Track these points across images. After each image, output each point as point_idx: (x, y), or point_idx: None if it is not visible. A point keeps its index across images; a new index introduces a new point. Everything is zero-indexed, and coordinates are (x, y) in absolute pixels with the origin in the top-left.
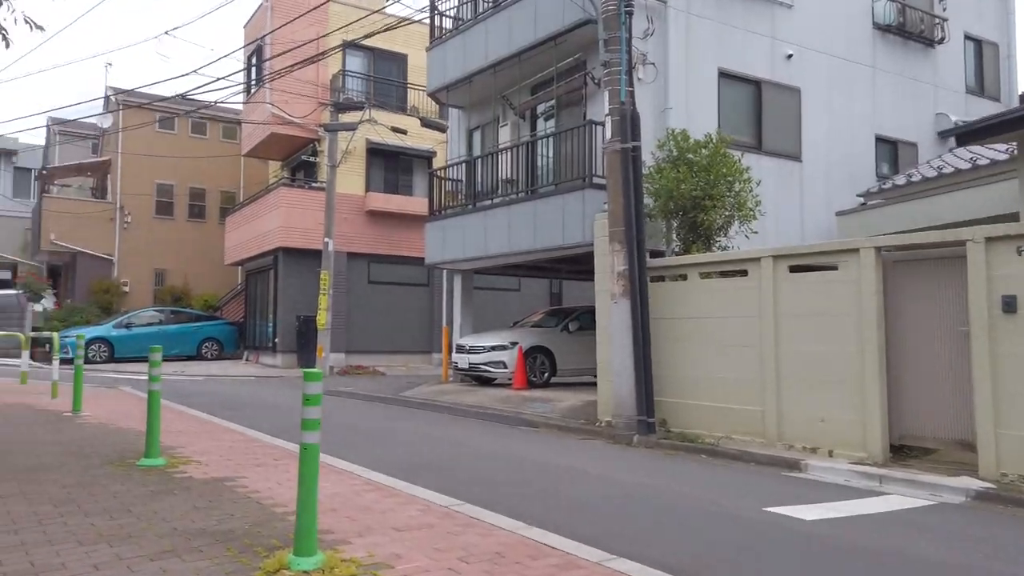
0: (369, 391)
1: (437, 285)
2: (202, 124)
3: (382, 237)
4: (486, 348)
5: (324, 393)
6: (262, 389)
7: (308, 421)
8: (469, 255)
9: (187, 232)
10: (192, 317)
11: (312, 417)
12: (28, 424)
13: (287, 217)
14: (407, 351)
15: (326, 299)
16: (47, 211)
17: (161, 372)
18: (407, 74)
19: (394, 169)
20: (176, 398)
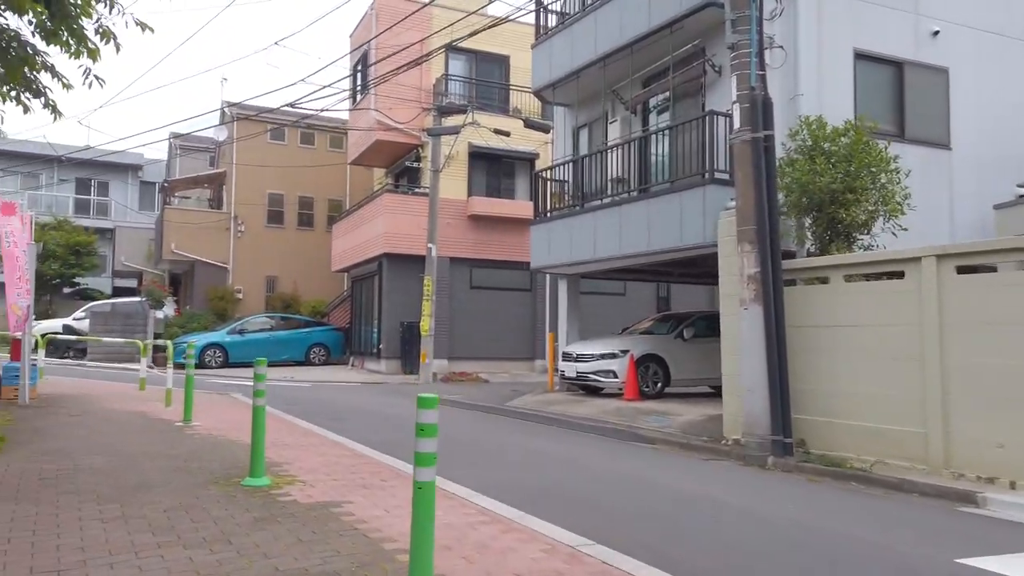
0: (474, 400)
1: (540, 290)
2: (310, 135)
3: (484, 242)
4: (595, 356)
5: None
6: (367, 396)
7: (423, 456)
8: (577, 258)
9: (296, 240)
10: (301, 323)
11: (427, 451)
12: (140, 435)
13: (391, 223)
14: (509, 357)
15: (429, 305)
16: (168, 222)
17: (266, 386)
18: (509, 75)
19: (496, 172)
20: (283, 405)
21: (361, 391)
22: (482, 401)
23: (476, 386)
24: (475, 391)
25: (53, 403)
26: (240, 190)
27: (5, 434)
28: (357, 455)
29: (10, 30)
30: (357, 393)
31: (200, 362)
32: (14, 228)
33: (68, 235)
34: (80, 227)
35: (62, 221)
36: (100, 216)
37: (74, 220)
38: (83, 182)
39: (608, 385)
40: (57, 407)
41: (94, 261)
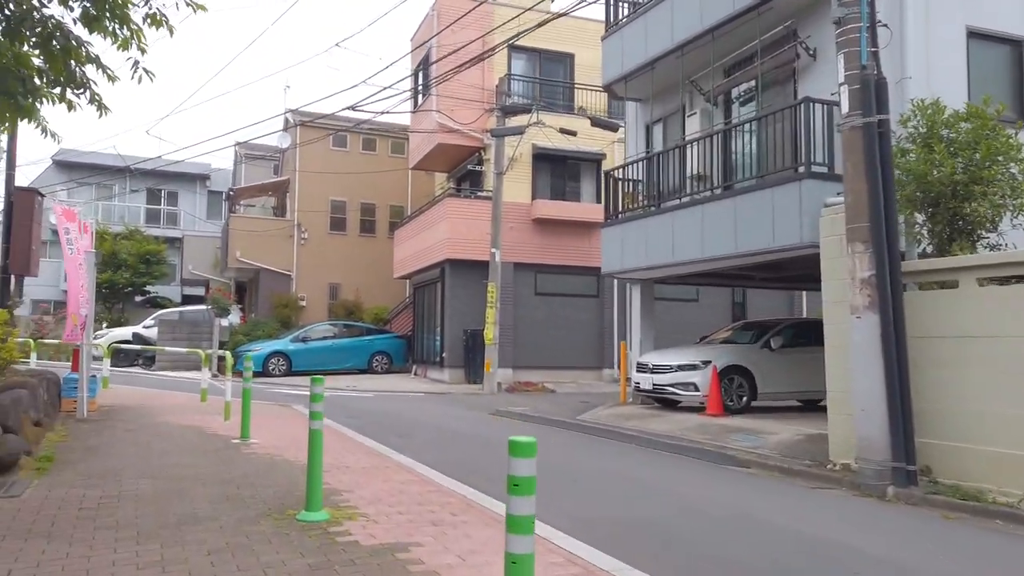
0: (542, 413)
1: (608, 296)
2: (372, 140)
3: (549, 246)
4: (673, 367)
5: (493, 414)
6: (432, 408)
7: (518, 520)
8: (653, 263)
9: (358, 247)
10: (363, 331)
11: (523, 513)
12: (193, 454)
13: (453, 228)
14: (576, 367)
15: (493, 312)
16: (233, 230)
17: (326, 398)
18: (574, 74)
19: (561, 174)
20: (345, 418)
21: (425, 402)
22: (551, 414)
23: (542, 397)
24: (542, 403)
25: (111, 416)
26: (303, 197)
27: (56, 452)
28: (425, 481)
29: (52, 19)
30: (421, 404)
31: (263, 370)
32: (76, 235)
33: (139, 244)
34: (150, 236)
35: (133, 231)
36: (170, 225)
37: (144, 230)
38: (153, 192)
39: (687, 399)
40: (114, 420)
41: (163, 270)
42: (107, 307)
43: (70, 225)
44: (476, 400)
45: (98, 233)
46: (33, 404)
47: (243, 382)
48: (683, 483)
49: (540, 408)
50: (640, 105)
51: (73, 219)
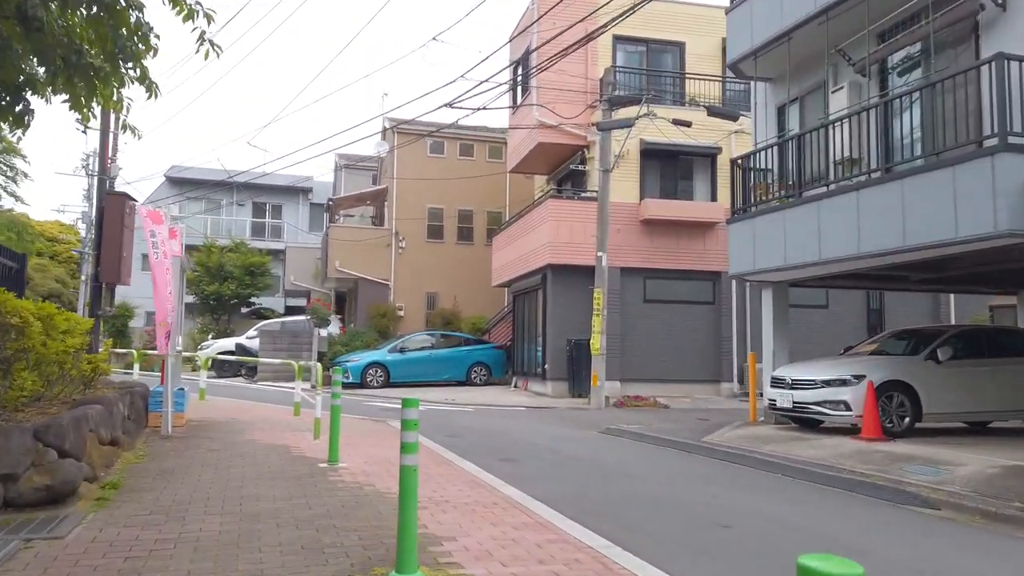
0: (660, 432)
1: (725, 303)
2: (469, 146)
3: (659, 249)
4: (818, 383)
5: (604, 433)
6: (537, 426)
7: None
8: (794, 261)
9: (456, 255)
10: (461, 341)
11: None
12: (274, 481)
13: (556, 231)
14: (690, 380)
15: (600, 320)
16: (332, 240)
17: (417, 437)
18: (684, 64)
19: (672, 171)
20: (444, 436)
21: (528, 418)
22: (670, 434)
23: (655, 413)
24: (656, 420)
25: (198, 432)
26: (400, 206)
27: (125, 478)
28: (543, 527)
29: None
30: (524, 421)
31: (361, 381)
32: (162, 238)
33: (244, 257)
34: (254, 249)
35: (238, 243)
36: (274, 238)
37: (250, 242)
38: (258, 206)
39: (835, 419)
40: (199, 438)
41: (267, 281)
42: (214, 318)
43: (156, 228)
44: (583, 416)
45: (206, 246)
46: (106, 421)
47: (332, 399)
48: (864, 535)
49: (655, 426)
50: (770, 85)
51: (160, 222)
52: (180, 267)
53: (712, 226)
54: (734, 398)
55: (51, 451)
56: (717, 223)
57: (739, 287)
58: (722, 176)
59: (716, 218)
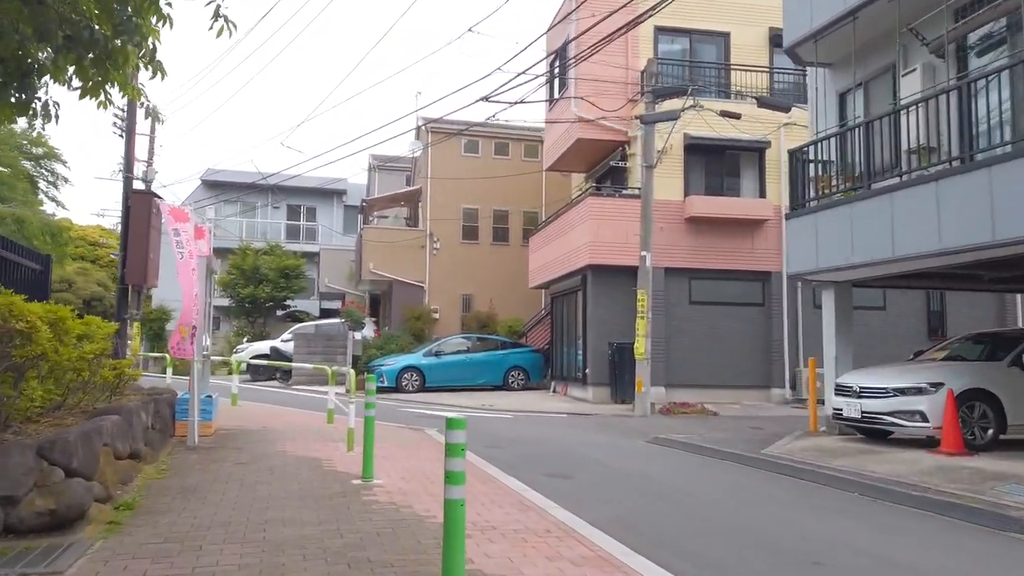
0: (714, 443)
1: (775, 304)
2: (504, 145)
3: (705, 248)
4: (890, 391)
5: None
6: (581, 435)
7: None
8: (862, 259)
9: (491, 256)
10: (498, 344)
11: None
12: (302, 502)
13: (596, 231)
14: (738, 385)
15: (644, 323)
16: (366, 241)
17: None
18: (729, 55)
19: (718, 167)
20: (484, 447)
21: (572, 427)
22: (724, 444)
23: (704, 421)
24: (707, 428)
25: (226, 443)
26: (435, 206)
27: (142, 497)
28: (604, 559)
29: None
30: (567, 430)
31: (396, 386)
32: (187, 237)
33: (278, 259)
34: (289, 251)
35: (273, 246)
36: (308, 240)
37: (284, 245)
38: (293, 209)
39: (910, 431)
40: (228, 449)
41: (302, 284)
42: (249, 321)
43: (180, 226)
44: (627, 424)
45: (241, 249)
46: (124, 433)
47: (366, 408)
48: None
49: (707, 436)
50: (830, 71)
51: (184, 219)
52: (207, 267)
53: (761, 224)
54: (785, 405)
55: (57, 470)
56: (766, 220)
57: (790, 288)
58: (771, 171)
59: (765, 215)
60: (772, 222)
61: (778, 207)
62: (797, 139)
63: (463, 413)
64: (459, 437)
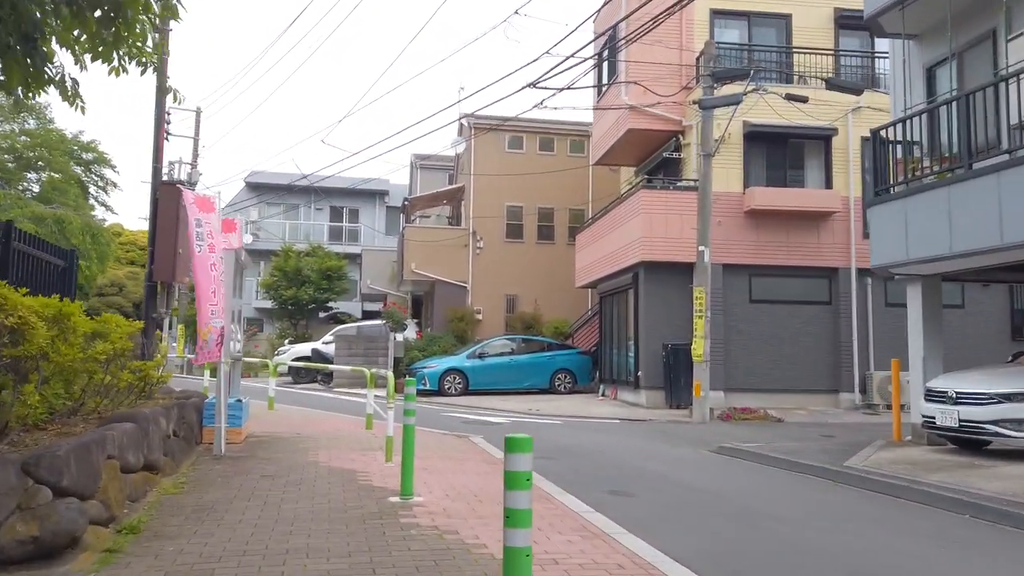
0: (786, 453)
1: (843, 302)
2: (549, 140)
3: (767, 243)
4: (994, 397)
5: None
6: (638, 443)
7: None
8: (965, 248)
9: (536, 255)
10: (544, 346)
11: None
12: (332, 525)
13: (649, 225)
14: (802, 390)
15: (703, 323)
16: (408, 240)
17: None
18: (791, 38)
19: (780, 156)
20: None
21: (626, 434)
22: (799, 455)
23: (769, 428)
24: (774, 436)
25: (256, 451)
26: (478, 204)
27: (151, 517)
28: None
29: None
30: (622, 437)
31: (439, 389)
32: (210, 229)
33: (320, 261)
34: (331, 252)
35: (315, 247)
36: (351, 242)
37: (327, 246)
38: (335, 210)
39: (1019, 441)
40: (256, 459)
41: (344, 285)
42: (292, 323)
43: (204, 217)
44: (686, 431)
45: (284, 250)
46: (137, 443)
47: (405, 416)
48: None
49: (777, 445)
50: (915, 43)
51: (209, 209)
52: (235, 260)
53: (827, 216)
54: (856, 411)
55: (44, 489)
56: (833, 213)
57: (860, 285)
58: (838, 160)
59: (832, 207)
60: (840, 215)
61: (846, 198)
62: (868, 124)
63: (509, 418)
64: (523, 463)
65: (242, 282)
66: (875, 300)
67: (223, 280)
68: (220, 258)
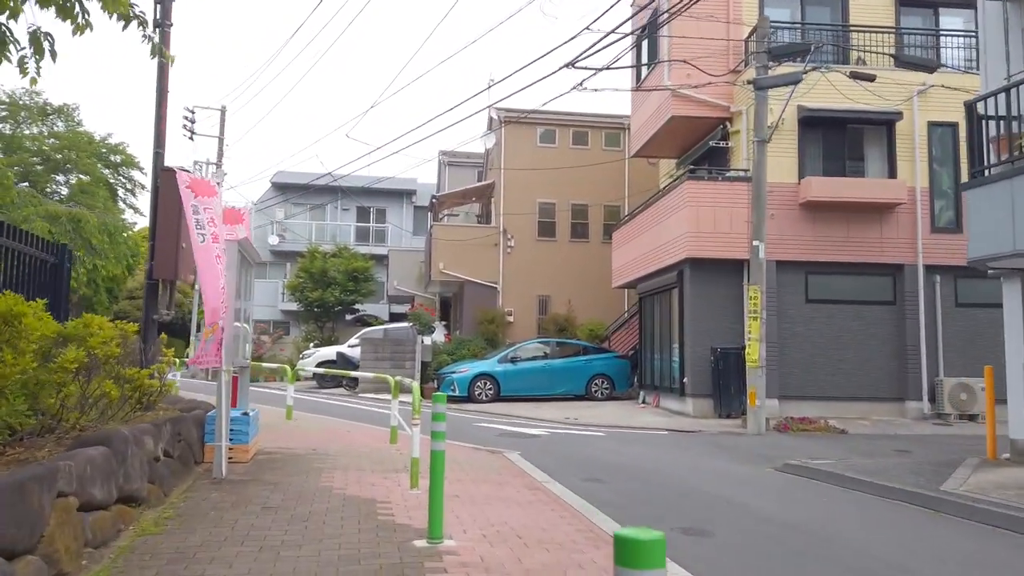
0: (863, 473)
1: (910, 302)
2: (583, 133)
3: (825, 238)
4: None
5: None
6: (694, 459)
7: None
8: None
9: (569, 254)
10: (579, 349)
11: None
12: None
13: (696, 219)
14: (864, 397)
15: (758, 325)
16: (436, 239)
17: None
18: (848, 15)
19: (838, 144)
20: (581, 477)
21: (677, 447)
22: (884, 477)
23: (833, 441)
24: (842, 451)
25: (262, 473)
26: (508, 201)
27: (115, 570)
28: None
29: None
30: (674, 452)
31: (469, 395)
32: (211, 216)
33: (346, 262)
34: (357, 253)
35: (341, 248)
36: (378, 243)
37: (354, 248)
38: (363, 210)
39: None
40: (260, 483)
41: (371, 287)
42: (318, 326)
43: (202, 202)
44: (743, 445)
45: (309, 251)
46: (109, 472)
47: (433, 441)
48: None
49: (849, 462)
50: (1012, 5)
51: (209, 193)
52: (239, 255)
53: (891, 208)
54: (924, 421)
55: None
56: (898, 205)
57: (927, 282)
58: (902, 147)
59: (896, 198)
60: (905, 206)
61: (912, 188)
62: (936, 107)
63: (547, 429)
64: None
65: (250, 280)
66: (944, 299)
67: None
68: (224, 250)
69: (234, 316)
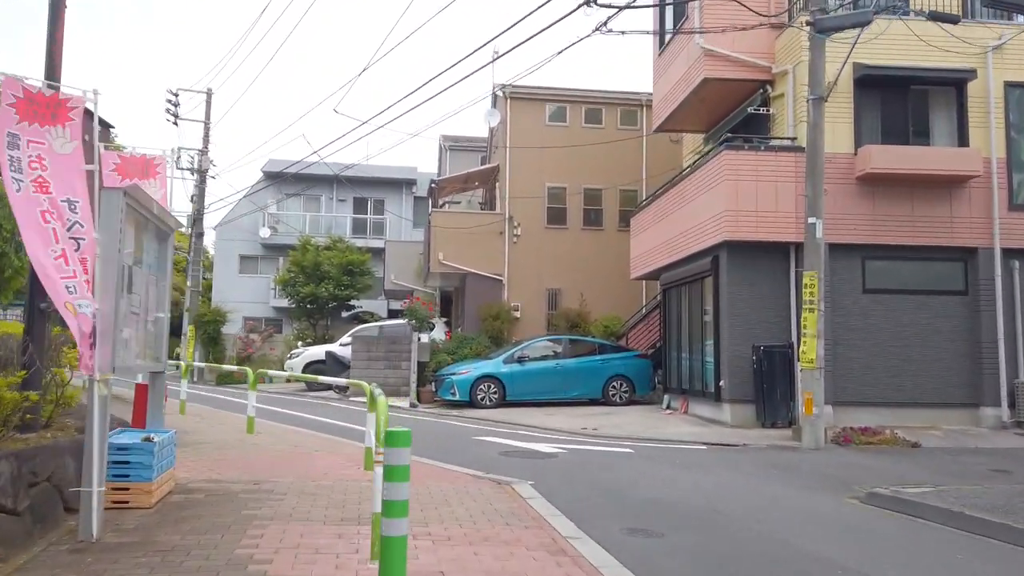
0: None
1: (985, 292)
2: (597, 111)
3: (884, 217)
4: None
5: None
6: (750, 485)
7: None
8: None
9: (582, 243)
10: (594, 348)
11: None
12: None
13: (735, 195)
14: (931, 403)
15: (815, 318)
16: (436, 228)
17: None
18: None
19: (899, 108)
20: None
21: (727, 468)
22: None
23: (908, 457)
24: (929, 472)
25: (159, 530)
26: (515, 185)
27: None
28: None
29: None
30: (726, 475)
31: (470, 399)
32: (47, 149)
33: (341, 255)
34: (352, 246)
35: (335, 240)
36: (376, 235)
37: (351, 240)
38: (360, 201)
39: None
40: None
41: (367, 281)
42: (311, 323)
43: (24, 129)
44: (802, 463)
45: (301, 243)
46: None
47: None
48: None
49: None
50: None
51: (53, 120)
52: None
53: (962, 182)
54: (1004, 430)
55: None
56: (971, 178)
57: (1005, 268)
58: (975, 111)
59: (969, 170)
60: (979, 180)
61: (987, 159)
62: (1017, 64)
63: (562, 444)
64: None
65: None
66: None
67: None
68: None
69: (128, 303)
